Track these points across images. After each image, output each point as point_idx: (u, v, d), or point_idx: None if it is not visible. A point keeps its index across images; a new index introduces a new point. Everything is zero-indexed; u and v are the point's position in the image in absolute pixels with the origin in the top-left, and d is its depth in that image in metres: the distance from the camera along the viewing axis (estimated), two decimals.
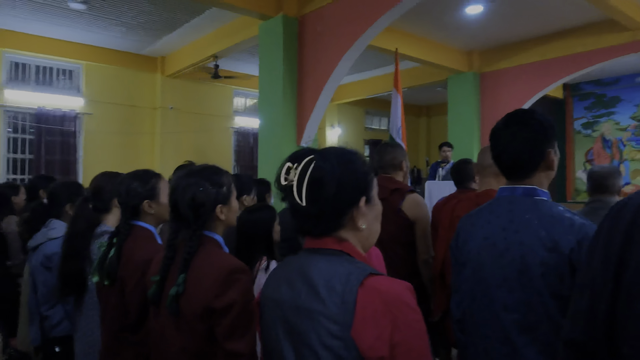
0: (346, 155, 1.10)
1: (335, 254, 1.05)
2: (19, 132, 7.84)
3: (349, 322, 0.94)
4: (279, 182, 1.08)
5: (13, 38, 7.45)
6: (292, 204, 1.07)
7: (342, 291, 0.96)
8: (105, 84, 8.43)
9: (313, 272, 1.03)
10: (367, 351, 0.92)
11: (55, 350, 2.56)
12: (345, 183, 1.05)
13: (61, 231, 2.49)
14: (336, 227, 1.07)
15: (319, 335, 0.96)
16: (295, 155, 1.09)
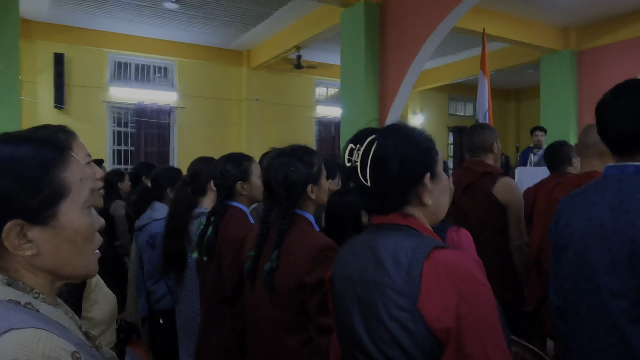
0: (409, 132, 1.09)
1: (401, 229, 1.05)
2: (122, 125, 8.56)
3: (415, 294, 0.94)
4: (343, 163, 1.09)
5: (115, 39, 8.11)
6: (357, 184, 1.07)
7: (408, 264, 0.97)
8: (196, 78, 8.93)
9: (379, 247, 1.04)
10: (433, 322, 0.92)
11: (159, 321, 2.79)
12: (408, 160, 1.04)
13: (163, 213, 2.70)
14: (402, 204, 1.07)
15: (386, 307, 0.97)
16: (357, 136, 1.09)
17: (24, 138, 0.77)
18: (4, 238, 0.71)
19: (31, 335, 0.65)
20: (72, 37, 7.75)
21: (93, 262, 0.82)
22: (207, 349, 2.03)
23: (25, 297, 0.74)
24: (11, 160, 0.73)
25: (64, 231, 0.76)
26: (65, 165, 0.77)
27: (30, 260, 0.75)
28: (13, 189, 0.72)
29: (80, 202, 0.78)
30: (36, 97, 7.51)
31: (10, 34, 4.58)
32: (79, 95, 7.91)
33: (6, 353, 0.62)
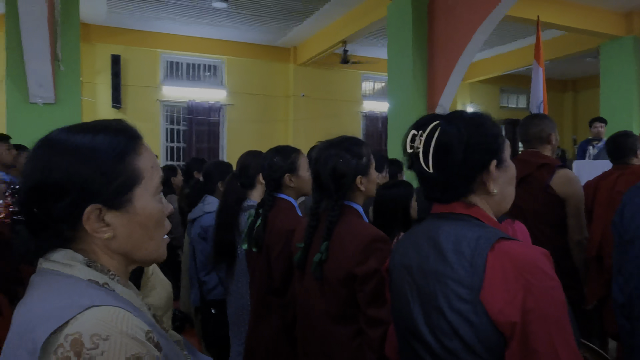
0: (474, 118, 1.05)
1: (464, 219, 1.02)
2: (174, 123, 8.86)
3: (478, 285, 0.91)
4: (404, 150, 1.06)
5: (168, 40, 8.39)
6: (419, 171, 1.05)
7: (471, 255, 0.94)
8: (244, 76, 9.09)
9: (441, 237, 1.01)
10: (496, 315, 0.89)
11: (211, 311, 2.87)
12: (473, 147, 1.00)
13: (215, 206, 2.77)
14: (465, 192, 1.04)
15: (447, 298, 0.95)
16: (420, 122, 1.07)
17: (102, 127, 0.80)
18: (84, 221, 0.75)
19: (110, 312, 0.69)
20: (127, 39, 8.08)
21: (162, 246, 0.86)
22: (257, 338, 2.07)
23: (103, 277, 0.78)
24: (90, 149, 0.77)
25: (137, 216, 0.79)
26: (139, 153, 0.81)
27: (107, 243, 0.78)
28: (92, 175, 0.75)
29: (151, 188, 0.82)
30: (95, 97, 7.89)
31: (72, 38, 4.83)
32: (134, 95, 8.25)
33: (88, 327, 0.66)
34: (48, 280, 0.76)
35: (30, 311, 0.72)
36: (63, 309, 0.68)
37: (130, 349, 0.67)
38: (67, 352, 0.64)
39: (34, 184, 0.76)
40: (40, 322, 0.67)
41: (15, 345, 0.69)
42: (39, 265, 0.79)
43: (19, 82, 4.49)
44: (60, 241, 0.78)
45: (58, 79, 4.68)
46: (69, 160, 0.75)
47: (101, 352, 0.65)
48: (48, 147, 0.78)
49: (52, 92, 4.61)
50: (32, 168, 0.77)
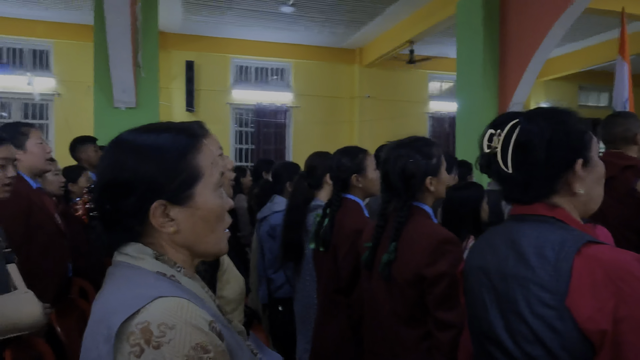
0: (557, 114, 1.00)
1: (547, 221, 0.97)
2: (243, 125, 9.16)
3: (563, 290, 0.87)
4: (481, 150, 1.04)
5: (237, 45, 8.69)
6: (497, 172, 1.02)
7: (555, 259, 0.90)
8: (310, 78, 9.22)
9: (521, 240, 0.97)
10: (585, 322, 0.84)
11: (278, 309, 2.94)
12: (557, 145, 0.96)
13: (283, 205, 2.83)
14: (548, 193, 0.99)
15: (529, 303, 0.91)
16: (498, 121, 1.03)
17: (165, 127, 0.86)
18: (150, 216, 0.80)
19: (176, 303, 0.73)
20: (200, 46, 8.47)
21: (224, 240, 0.89)
22: (324, 337, 2.10)
23: (170, 270, 0.82)
24: (155, 147, 0.82)
25: (199, 210, 0.83)
26: (199, 150, 0.84)
27: (172, 237, 0.83)
28: (157, 172, 0.80)
29: (212, 184, 0.85)
30: (171, 101, 8.34)
31: (151, 47, 5.14)
32: (206, 99, 8.62)
33: (156, 317, 0.71)
34: (122, 272, 0.81)
35: (106, 300, 0.78)
36: (134, 299, 0.73)
37: (195, 338, 0.71)
38: (138, 340, 0.69)
39: (105, 182, 0.81)
40: (114, 311, 0.73)
41: (94, 331, 0.75)
42: (114, 257, 0.85)
43: (105, 88, 4.85)
44: (131, 235, 0.83)
45: (139, 85, 5.00)
46: (136, 159, 0.80)
47: (168, 340, 0.70)
48: (118, 147, 0.84)
49: (133, 97, 4.94)
50: (104, 167, 0.83)
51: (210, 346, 0.73)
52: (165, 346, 0.69)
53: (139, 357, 0.68)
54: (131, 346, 0.69)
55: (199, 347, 0.71)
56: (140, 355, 0.68)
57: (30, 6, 6.95)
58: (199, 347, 0.71)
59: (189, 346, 0.70)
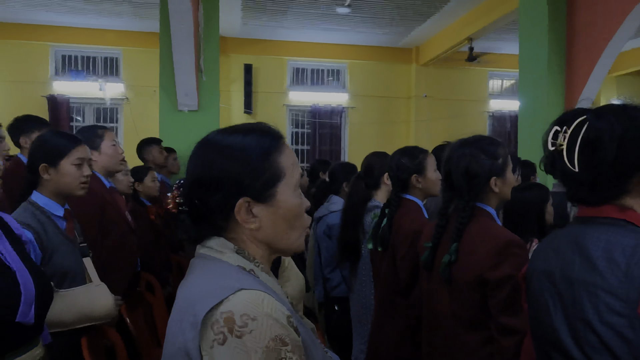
0: (629, 111, 0.95)
1: (617, 224, 0.92)
2: (299, 127, 9.28)
3: (635, 299, 0.82)
4: (546, 148, 0.99)
5: (294, 47, 8.82)
6: (562, 171, 0.97)
7: (626, 264, 0.85)
8: (365, 79, 9.19)
9: (589, 243, 0.93)
10: None
11: (334, 308, 2.96)
12: (629, 143, 0.91)
13: (339, 205, 2.85)
14: (618, 194, 0.94)
15: (597, 310, 0.87)
16: (564, 117, 0.99)
17: (250, 129, 0.90)
18: (235, 212, 0.84)
19: (257, 296, 0.76)
20: (258, 49, 8.66)
21: (301, 238, 0.92)
22: (381, 338, 2.09)
23: (249, 264, 0.86)
24: (241, 148, 0.86)
25: (280, 209, 0.86)
26: (281, 151, 0.88)
27: (254, 233, 0.87)
28: (243, 171, 0.84)
29: (292, 184, 0.88)
30: (230, 103, 8.59)
31: (212, 51, 5.32)
32: (263, 101, 8.81)
33: (238, 308, 0.74)
34: (205, 264, 0.86)
35: (191, 290, 0.83)
36: (218, 289, 0.77)
37: (274, 331, 0.74)
38: (221, 328, 0.73)
39: (195, 179, 0.86)
40: (200, 299, 0.77)
41: (180, 318, 0.79)
42: (197, 250, 0.89)
43: (169, 92, 5.08)
44: (215, 230, 0.88)
45: (201, 88, 5.19)
46: (223, 159, 0.85)
47: (249, 331, 0.73)
48: (207, 147, 0.89)
49: (195, 100, 5.13)
50: (194, 165, 0.88)
51: (288, 339, 0.75)
52: (247, 336, 0.72)
53: (222, 344, 0.72)
54: (215, 334, 0.73)
55: (278, 339, 0.74)
56: (223, 342, 0.72)
57: (102, 17, 7.41)
58: (278, 339, 0.74)
59: (269, 337, 0.73)
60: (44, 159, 1.77)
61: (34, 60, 7.99)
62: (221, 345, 0.72)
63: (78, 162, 1.81)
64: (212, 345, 0.73)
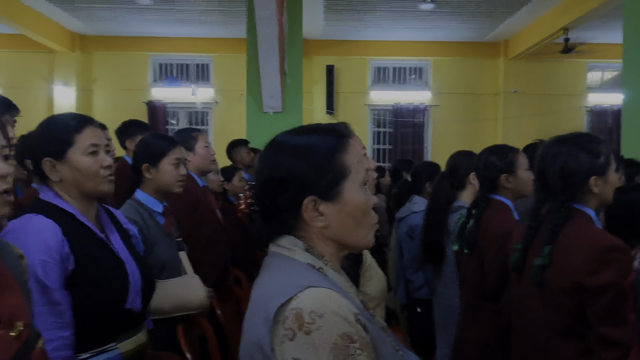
0: None
1: None
2: (380, 126, 9.23)
3: None
4: None
5: (376, 47, 8.79)
6: None
7: None
8: (449, 76, 8.92)
9: None
10: None
11: (417, 310, 2.91)
12: None
13: (422, 206, 2.80)
14: None
15: None
16: None
17: (314, 129, 0.93)
18: (303, 211, 0.86)
19: (325, 293, 0.79)
20: (340, 50, 8.74)
21: (370, 235, 0.93)
22: (466, 344, 2.02)
23: (318, 262, 0.88)
24: (306, 147, 0.88)
25: (346, 206, 0.88)
26: (346, 150, 0.89)
27: (322, 231, 0.89)
28: (309, 170, 0.86)
29: (358, 181, 0.89)
30: (312, 104, 8.76)
31: (296, 54, 5.47)
32: (345, 101, 8.87)
33: (307, 305, 0.77)
34: (277, 261, 0.89)
35: (264, 287, 0.87)
36: (288, 287, 0.80)
37: (341, 328, 0.76)
38: (291, 324, 0.76)
39: (264, 179, 0.90)
40: (271, 296, 0.80)
41: (254, 312, 0.84)
42: (269, 249, 0.93)
43: (255, 95, 5.29)
44: (285, 229, 0.90)
45: (285, 91, 5.35)
46: (290, 159, 0.88)
47: (317, 327, 0.75)
48: (274, 148, 0.92)
49: (280, 102, 5.30)
50: (262, 166, 0.92)
51: (356, 336, 0.76)
52: (315, 332, 0.74)
53: (291, 340, 0.75)
54: (285, 330, 0.76)
55: (346, 336, 0.75)
56: (293, 338, 0.75)
57: (194, 26, 7.91)
58: (345, 336, 0.75)
59: (336, 334, 0.75)
60: (146, 159, 1.93)
61: (135, 69, 8.71)
62: (291, 341, 0.75)
63: (176, 162, 1.95)
64: (282, 340, 0.76)
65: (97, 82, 8.75)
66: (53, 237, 1.28)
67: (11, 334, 0.91)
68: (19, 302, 0.97)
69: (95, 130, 1.42)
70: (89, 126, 1.41)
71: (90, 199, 1.43)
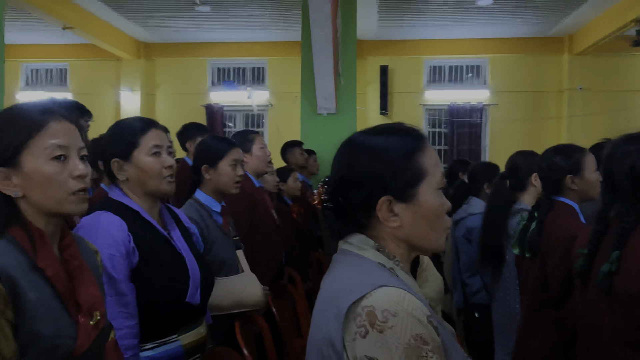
0: None
1: None
2: (436, 126, 9.04)
3: None
4: None
5: (431, 46, 8.61)
6: None
7: None
8: (509, 73, 8.60)
9: None
10: None
11: (474, 315, 2.83)
12: None
13: (480, 207, 2.72)
14: None
15: None
16: None
17: (392, 129, 0.93)
18: (377, 210, 0.87)
19: (398, 293, 0.78)
20: (394, 50, 8.64)
21: (442, 238, 0.92)
22: (527, 352, 1.95)
23: (389, 262, 0.88)
24: (384, 148, 0.89)
25: (421, 209, 0.87)
26: (424, 152, 0.89)
27: (394, 231, 0.89)
28: (385, 171, 0.87)
29: (434, 184, 0.89)
30: (365, 105, 8.71)
31: (350, 55, 5.46)
32: (399, 101, 8.77)
33: (380, 303, 0.77)
34: (347, 259, 0.90)
35: (334, 283, 0.87)
36: (360, 284, 0.80)
37: (415, 329, 0.75)
38: (363, 321, 0.76)
39: (339, 177, 0.91)
40: (343, 293, 0.81)
41: (324, 309, 0.84)
42: (340, 246, 0.94)
43: (310, 97, 5.34)
44: (357, 227, 0.91)
45: (339, 92, 5.36)
46: (367, 158, 0.89)
47: (390, 326, 0.75)
48: (351, 146, 0.93)
49: (334, 104, 5.32)
50: (338, 164, 0.93)
51: (429, 338, 0.76)
52: (388, 332, 0.74)
53: (364, 337, 0.75)
54: (357, 327, 0.76)
55: (419, 338, 0.75)
56: (365, 336, 0.75)
57: (250, 31, 8.11)
58: (419, 338, 0.75)
59: (410, 335, 0.74)
60: (205, 160, 2.00)
61: (195, 74, 9.04)
62: (363, 338, 0.75)
63: (233, 163, 2.01)
64: (354, 337, 0.76)
65: (160, 87, 9.16)
66: (120, 232, 1.36)
67: (90, 323, 0.98)
68: (97, 294, 1.04)
69: (158, 132, 1.50)
70: (152, 128, 1.49)
71: (153, 197, 1.50)
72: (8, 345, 0.86)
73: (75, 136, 1.01)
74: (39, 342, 0.90)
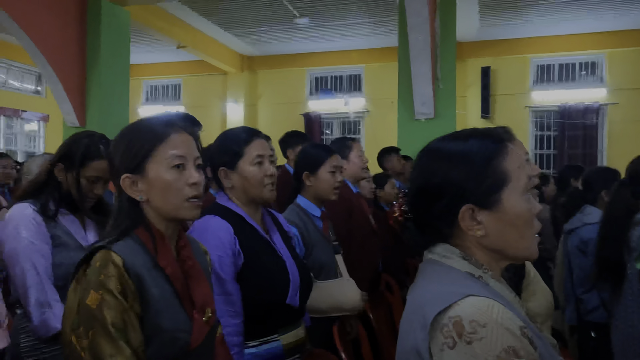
0: None
1: None
2: (544, 129, 8.44)
3: None
4: None
5: (537, 43, 8.07)
6: None
7: None
8: (631, 69, 7.77)
9: None
10: None
11: (590, 334, 2.59)
12: None
13: (596, 217, 2.49)
14: None
15: None
16: None
17: (471, 134, 0.89)
18: (460, 219, 0.84)
19: (487, 303, 0.75)
20: (496, 50, 8.24)
21: (533, 245, 0.87)
22: None
23: (477, 271, 0.85)
24: (462, 154, 0.86)
25: (506, 215, 0.83)
26: (505, 155, 0.85)
27: (479, 240, 0.85)
28: (465, 178, 0.84)
29: (519, 188, 0.84)
30: (466, 109, 8.39)
31: (449, 58, 5.30)
32: (502, 104, 8.32)
33: (468, 313, 0.74)
34: (433, 268, 0.88)
35: (421, 293, 0.86)
36: (447, 294, 0.78)
37: (507, 341, 0.71)
38: (450, 332, 0.74)
39: (418, 187, 0.90)
40: (429, 303, 0.79)
41: (411, 319, 0.83)
42: (425, 256, 0.92)
43: (407, 102, 5.28)
44: (440, 237, 0.89)
45: (437, 96, 5.23)
46: (445, 166, 0.86)
47: (480, 338, 0.72)
48: (428, 155, 0.91)
49: (432, 108, 5.20)
50: (416, 174, 0.91)
51: (522, 351, 0.72)
52: (477, 343, 0.72)
53: (452, 348, 0.73)
54: (444, 337, 0.74)
55: (511, 351, 0.71)
56: (453, 347, 0.73)
57: (347, 39, 8.26)
58: (510, 351, 0.71)
59: (500, 347, 0.71)
60: (306, 167, 2.07)
61: (294, 84, 9.40)
62: (451, 350, 0.73)
63: (332, 170, 2.06)
64: (442, 348, 0.74)
65: (261, 97, 9.65)
66: (227, 235, 1.46)
67: (203, 319, 1.07)
68: (209, 292, 1.13)
69: (261, 142, 1.58)
70: (256, 139, 1.57)
71: (256, 203, 1.59)
72: (136, 336, 0.97)
73: (192, 146, 1.10)
74: (161, 335, 0.99)
